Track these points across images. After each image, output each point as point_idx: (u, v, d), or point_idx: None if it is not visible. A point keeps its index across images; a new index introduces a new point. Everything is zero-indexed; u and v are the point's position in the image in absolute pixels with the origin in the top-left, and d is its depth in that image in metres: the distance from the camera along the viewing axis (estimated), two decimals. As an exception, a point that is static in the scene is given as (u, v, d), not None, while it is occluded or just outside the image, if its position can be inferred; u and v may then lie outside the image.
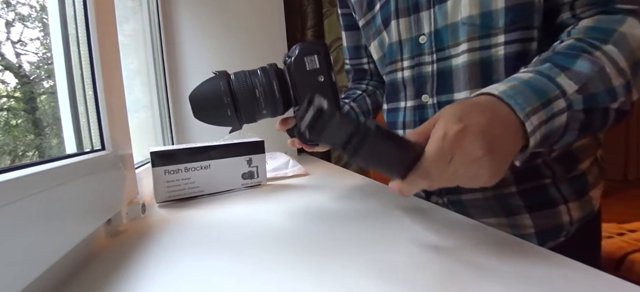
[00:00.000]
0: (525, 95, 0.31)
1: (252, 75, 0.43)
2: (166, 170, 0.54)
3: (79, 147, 0.46)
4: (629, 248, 0.79)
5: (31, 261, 0.24)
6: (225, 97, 0.42)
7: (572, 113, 0.33)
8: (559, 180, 0.49)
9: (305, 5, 1.31)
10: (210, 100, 0.43)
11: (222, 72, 0.44)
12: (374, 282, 0.25)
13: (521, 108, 0.30)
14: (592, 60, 0.34)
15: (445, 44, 0.48)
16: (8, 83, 0.48)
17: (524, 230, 0.49)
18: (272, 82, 0.43)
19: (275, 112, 0.45)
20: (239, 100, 0.42)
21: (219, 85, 0.42)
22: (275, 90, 0.43)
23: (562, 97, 0.32)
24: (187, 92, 0.45)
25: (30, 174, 0.25)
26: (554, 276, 0.24)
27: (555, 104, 0.32)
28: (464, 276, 0.25)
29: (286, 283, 0.26)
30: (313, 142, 0.47)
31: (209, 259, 0.32)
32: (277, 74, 0.44)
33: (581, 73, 0.33)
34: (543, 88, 0.32)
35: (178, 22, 1.10)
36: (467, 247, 0.30)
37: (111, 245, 0.38)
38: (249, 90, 0.42)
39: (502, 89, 0.32)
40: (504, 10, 0.43)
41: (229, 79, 0.43)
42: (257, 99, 0.43)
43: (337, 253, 0.31)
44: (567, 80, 0.33)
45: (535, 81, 0.33)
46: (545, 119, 0.31)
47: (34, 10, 0.49)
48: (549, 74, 0.33)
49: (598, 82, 0.33)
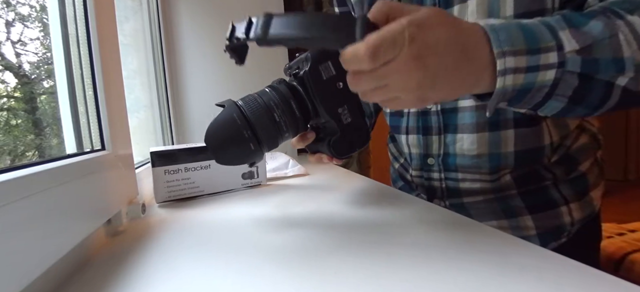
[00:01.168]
0: (512, 33, 0.29)
1: (263, 98, 0.39)
2: (166, 170, 0.54)
3: (79, 147, 0.46)
4: (629, 248, 0.79)
5: (31, 261, 0.24)
6: (245, 131, 0.37)
7: (563, 73, 0.30)
8: (559, 181, 0.49)
9: (305, 5, 1.31)
10: (232, 139, 0.38)
11: (230, 104, 0.39)
12: (374, 282, 0.25)
13: (498, 44, 0.28)
14: (607, 23, 0.31)
15: None
16: (8, 83, 0.48)
17: (525, 231, 0.49)
18: (289, 101, 0.39)
19: (297, 131, 0.42)
20: (259, 129, 0.38)
21: (234, 119, 0.37)
22: (294, 110, 0.39)
23: (555, 51, 0.29)
24: (187, 92, 0.44)
25: (30, 174, 0.25)
26: (553, 276, 0.24)
27: (544, 56, 0.29)
28: (465, 276, 0.25)
29: (286, 283, 0.26)
30: (343, 157, 0.43)
31: (208, 259, 0.32)
32: (291, 91, 0.40)
33: (588, 33, 0.30)
34: (537, 35, 0.30)
35: (178, 22, 1.10)
36: (468, 248, 0.30)
37: (111, 245, 0.38)
38: (268, 116, 0.38)
39: (492, 22, 0.30)
40: (513, 17, 0.41)
41: (240, 108, 0.38)
42: (278, 123, 0.39)
43: (338, 253, 0.31)
44: (570, 37, 0.30)
45: (533, 26, 0.30)
46: (526, 66, 0.29)
47: (34, 10, 0.49)
48: (553, 25, 0.31)
49: (606, 48, 0.30)
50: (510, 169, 0.49)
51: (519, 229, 0.50)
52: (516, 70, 0.29)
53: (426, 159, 0.55)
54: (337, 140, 0.40)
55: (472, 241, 0.31)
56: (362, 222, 0.39)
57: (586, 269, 0.25)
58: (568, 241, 0.49)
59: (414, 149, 0.56)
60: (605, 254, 0.80)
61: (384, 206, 0.44)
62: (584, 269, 0.25)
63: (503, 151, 0.48)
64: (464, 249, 0.30)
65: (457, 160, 0.51)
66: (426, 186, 0.56)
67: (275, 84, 0.41)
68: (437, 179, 0.54)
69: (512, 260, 0.27)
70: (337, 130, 0.40)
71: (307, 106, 0.40)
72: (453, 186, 0.53)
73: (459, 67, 0.28)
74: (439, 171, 0.54)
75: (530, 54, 0.29)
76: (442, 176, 0.54)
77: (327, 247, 0.33)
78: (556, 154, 0.48)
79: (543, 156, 0.48)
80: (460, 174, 0.52)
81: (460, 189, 0.53)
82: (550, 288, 0.23)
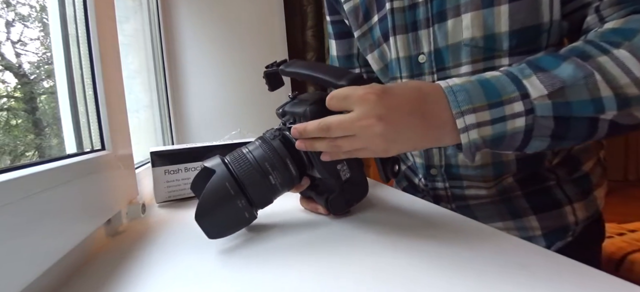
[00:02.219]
0: (471, 92, 0.31)
1: (257, 159, 0.36)
2: (166, 170, 0.54)
3: (79, 147, 0.46)
4: (629, 248, 0.79)
5: (31, 261, 0.24)
6: (239, 201, 0.34)
7: (534, 118, 0.30)
8: (563, 182, 0.49)
9: (305, 5, 1.31)
10: (224, 213, 0.34)
11: (220, 168, 0.35)
12: (375, 283, 0.25)
13: (456, 104, 0.31)
14: (580, 65, 0.30)
15: (447, 64, 0.46)
16: (8, 83, 0.48)
17: (531, 232, 0.49)
18: (285, 160, 0.36)
19: (292, 186, 0.39)
20: (251, 192, 0.35)
21: (227, 188, 0.34)
22: (290, 169, 0.37)
23: (520, 100, 0.30)
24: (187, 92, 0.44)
25: (30, 174, 0.25)
26: (553, 276, 0.24)
27: (508, 107, 0.30)
28: (469, 278, 0.25)
29: (286, 282, 0.26)
30: (340, 213, 0.41)
31: (208, 259, 0.32)
32: (287, 148, 0.37)
33: (557, 77, 0.30)
34: (498, 88, 0.31)
35: (178, 22, 1.10)
36: (472, 248, 0.30)
37: (111, 245, 0.38)
38: (261, 177, 0.35)
39: (453, 83, 0.32)
40: (508, 33, 0.41)
41: (229, 169, 0.35)
42: (273, 186, 0.36)
43: (338, 253, 0.31)
44: (537, 83, 0.30)
45: (495, 80, 0.32)
46: (491, 119, 0.31)
47: (34, 10, 0.49)
48: (517, 74, 0.32)
49: (580, 90, 0.30)
50: (513, 173, 0.49)
51: (524, 230, 0.50)
52: (480, 125, 0.31)
53: (429, 169, 0.55)
54: (335, 197, 0.39)
55: (473, 242, 0.31)
56: (363, 221, 0.39)
57: (586, 269, 0.25)
58: (573, 241, 0.49)
59: (418, 159, 0.57)
60: (605, 254, 0.80)
61: (385, 206, 0.44)
62: (584, 269, 0.25)
63: (505, 159, 0.48)
64: (466, 250, 0.30)
65: (461, 170, 0.51)
66: (432, 194, 0.57)
67: (268, 138, 0.38)
68: (442, 188, 0.55)
69: (512, 260, 0.27)
70: (336, 187, 0.38)
71: (304, 161, 0.38)
72: (459, 193, 0.53)
73: (419, 125, 0.32)
74: (443, 181, 0.54)
75: (492, 108, 0.31)
76: (446, 185, 0.54)
77: (326, 246, 0.33)
78: (557, 157, 0.48)
79: (544, 159, 0.48)
80: (465, 182, 0.52)
81: (466, 196, 0.53)
82: (551, 288, 0.23)
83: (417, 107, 0.31)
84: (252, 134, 0.75)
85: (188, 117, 1.13)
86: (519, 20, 0.40)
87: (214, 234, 0.35)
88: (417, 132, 0.32)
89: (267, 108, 1.06)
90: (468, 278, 0.25)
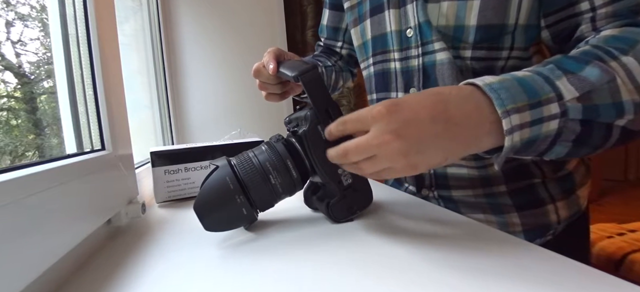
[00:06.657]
0: (512, 91, 0.29)
1: (259, 158, 0.37)
2: (166, 170, 0.54)
3: (79, 147, 0.46)
4: (629, 248, 0.79)
5: (31, 261, 0.24)
6: (237, 196, 0.35)
7: (565, 122, 0.29)
8: (548, 179, 0.49)
9: (305, 5, 1.31)
10: (221, 205, 0.35)
11: (224, 166, 0.37)
12: (376, 283, 0.25)
13: (502, 103, 0.28)
14: (604, 69, 0.30)
15: (429, 39, 0.48)
16: (8, 83, 0.48)
17: (511, 228, 0.50)
18: (286, 161, 0.37)
19: (293, 191, 0.39)
20: (252, 193, 0.36)
21: (226, 181, 0.35)
22: (291, 170, 0.37)
23: (556, 101, 0.29)
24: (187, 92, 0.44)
25: (30, 174, 0.25)
26: (553, 276, 0.24)
27: (546, 108, 0.29)
28: (455, 270, 0.25)
29: (286, 281, 0.26)
30: (341, 222, 0.40)
31: (208, 259, 0.32)
32: (289, 150, 0.38)
33: (587, 80, 0.30)
34: (536, 88, 0.29)
35: (178, 22, 1.10)
36: (458, 242, 0.30)
37: (111, 245, 0.38)
38: (262, 179, 0.36)
39: (489, 81, 0.30)
40: (475, 27, 0.43)
41: (233, 169, 0.37)
42: (273, 186, 0.37)
43: (337, 252, 0.31)
44: (568, 85, 0.29)
45: (530, 79, 0.30)
46: (530, 120, 0.29)
47: (34, 10, 0.49)
48: (549, 75, 0.30)
49: (605, 94, 0.30)
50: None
51: (505, 226, 0.50)
52: (522, 126, 0.28)
53: None
54: (336, 203, 0.38)
55: (473, 242, 0.31)
56: (361, 218, 0.39)
57: (586, 269, 0.25)
58: (554, 239, 0.50)
59: None
60: (605, 254, 0.80)
61: (375, 201, 0.44)
62: (584, 269, 0.25)
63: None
64: (467, 250, 0.30)
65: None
66: (414, 181, 0.56)
67: (272, 142, 0.39)
68: (426, 174, 0.54)
69: (512, 260, 0.27)
70: (337, 192, 0.38)
71: (306, 165, 0.38)
72: (441, 172, 0.53)
73: (446, 131, 0.29)
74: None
75: (533, 108, 0.29)
76: (431, 172, 0.54)
77: (325, 245, 0.33)
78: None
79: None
80: (449, 170, 0.52)
81: (447, 176, 0.52)
82: (551, 288, 0.23)
83: (440, 113, 0.29)
84: (252, 134, 0.75)
85: (188, 117, 1.13)
86: (486, 17, 0.42)
87: (210, 226, 0.36)
88: (445, 140, 0.29)
89: (267, 108, 1.06)
90: (468, 278, 0.25)
